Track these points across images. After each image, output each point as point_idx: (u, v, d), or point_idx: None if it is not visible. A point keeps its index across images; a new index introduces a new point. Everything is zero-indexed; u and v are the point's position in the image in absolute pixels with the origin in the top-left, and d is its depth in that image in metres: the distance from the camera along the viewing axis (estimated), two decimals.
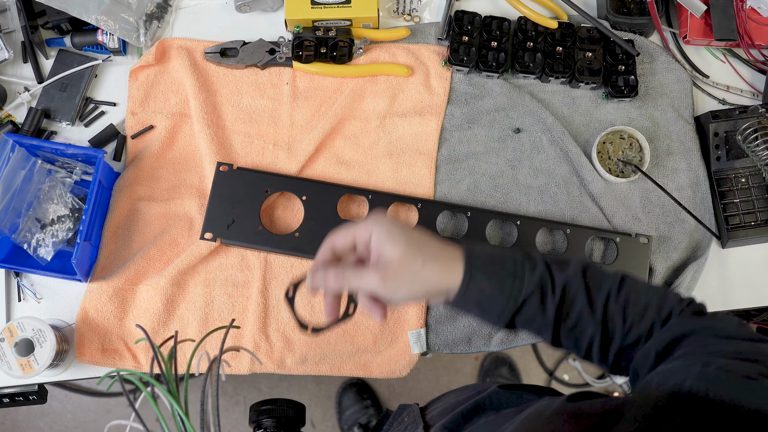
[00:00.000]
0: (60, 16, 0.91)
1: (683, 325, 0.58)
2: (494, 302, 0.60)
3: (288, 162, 0.92)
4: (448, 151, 0.93)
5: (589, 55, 0.94)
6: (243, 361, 0.86)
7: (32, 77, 0.94)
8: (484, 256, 0.61)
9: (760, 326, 1.59)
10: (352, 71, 0.94)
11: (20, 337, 0.80)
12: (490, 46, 0.94)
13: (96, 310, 0.85)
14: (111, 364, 0.85)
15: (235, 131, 0.93)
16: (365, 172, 0.93)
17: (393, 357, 0.87)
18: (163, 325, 0.86)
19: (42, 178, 0.88)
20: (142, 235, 0.90)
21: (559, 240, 0.90)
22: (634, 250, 0.87)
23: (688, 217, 0.91)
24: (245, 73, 0.95)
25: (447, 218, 0.91)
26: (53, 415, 1.76)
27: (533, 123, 0.94)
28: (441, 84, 0.95)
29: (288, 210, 0.92)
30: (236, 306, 0.88)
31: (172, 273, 0.86)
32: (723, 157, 0.92)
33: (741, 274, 0.91)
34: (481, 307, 0.61)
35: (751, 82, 0.98)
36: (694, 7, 0.93)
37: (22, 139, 0.85)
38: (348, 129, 0.94)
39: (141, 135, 0.93)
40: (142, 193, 0.91)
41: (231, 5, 0.98)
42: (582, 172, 0.92)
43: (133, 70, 0.94)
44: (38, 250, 0.86)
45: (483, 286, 0.59)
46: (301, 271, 0.89)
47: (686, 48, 0.98)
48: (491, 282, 0.59)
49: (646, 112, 0.95)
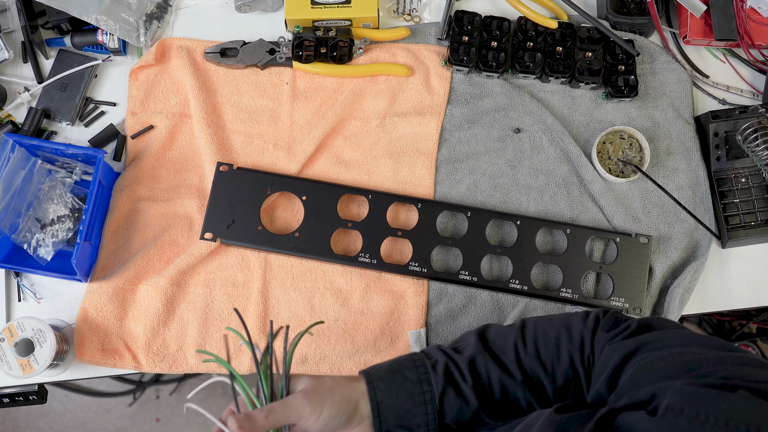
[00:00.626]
0: (60, 16, 0.91)
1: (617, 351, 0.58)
2: (413, 416, 0.60)
3: (288, 162, 0.92)
4: (448, 151, 0.93)
5: (589, 55, 0.94)
6: (243, 361, 0.86)
7: (32, 77, 0.94)
8: (384, 374, 0.61)
9: (761, 326, 1.59)
10: (352, 71, 0.94)
11: (20, 337, 0.80)
12: (490, 46, 0.94)
13: (96, 310, 0.85)
14: (111, 364, 0.85)
15: (235, 131, 0.93)
16: (365, 172, 0.93)
17: (393, 357, 0.87)
18: (163, 325, 0.86)
19: (42, 178, 0.88)
20: (142, 235, 0.90)
21: (559, 240, 0.90)
22: (634, 250, 0.87)
23: (688, 217, 0.91)
24: (245, 73, 0.95)
25: (447, 218, 0.91)
26: (53, 415, 1.76)
27: (533, 123, 0.94)
28: (441, 84, 0.95)
29: (288, 210, 0.92)
30: (236, 306, 0.88)
31: (172, 273, 0.86)
32: (723, 157, 0.92)
33: (741, 274, 0.91)
34: (404, 426, 0.60)
35: (751, 82, 0.98)
36: (694, 7, 0.93)
37: (22, 139, 0.85)
38: (348, 129, 0.94)
39: (141, 135, 0.93)
40: (142, 193, 0.91)
41: (231, 5, 0.98)
42: (582, 172, 0.92)
43: (133, 70, 0.94)
44: (38, 250, 0.86)
45: (394, 406, 0.60)
46: (300, 270, 0.89)
47: (686, 48, 0.98)
48: (399, 399, 0.60)
49: (646, 112, 0.95)
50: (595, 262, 0.88)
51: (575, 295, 0.87)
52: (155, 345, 0.86)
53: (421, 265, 0.87)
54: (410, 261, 0.87)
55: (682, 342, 0.55)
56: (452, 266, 0.89)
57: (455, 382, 0.61)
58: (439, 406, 0.61)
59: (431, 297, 0.88)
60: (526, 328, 0.65)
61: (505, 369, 0.62)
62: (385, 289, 0.89)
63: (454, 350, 0.64)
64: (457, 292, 0.88)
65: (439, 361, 0.62)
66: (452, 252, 0.89)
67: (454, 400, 0.61)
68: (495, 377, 0.62)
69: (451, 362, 0.62)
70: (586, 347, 0.61)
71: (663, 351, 0.54)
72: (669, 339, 0.56)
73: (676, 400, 0.45)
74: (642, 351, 0.56)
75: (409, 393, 0.60)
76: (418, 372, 0.61)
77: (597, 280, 0.89)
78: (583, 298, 0.87)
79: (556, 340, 0.62)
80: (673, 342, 0.55)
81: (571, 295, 0.87)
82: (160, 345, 0.86)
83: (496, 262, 0.89)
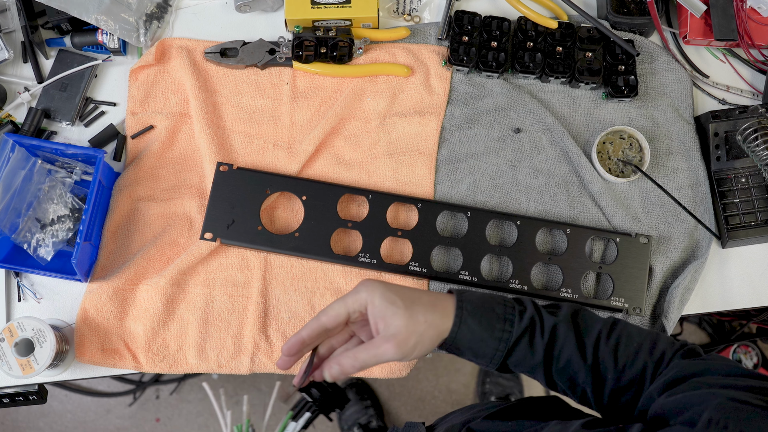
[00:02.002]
0: (60, 16, 0.91)
1: (683, 367, 0.58)
2: (485, 345, 0.62)
3: (288, 162, 0.92)
4: (448, 151, 0.93)
5: (589, 55, 0.94)
6: (243, 361, 0.86)
7: (32, 77, 0.94)
8: (475, 300, 0.63)
9: (761, 326, 1.59)
10: (352, 71, 0.94)
11: (20, 337, 0.80)
12: (490, 46, 0.94)
13: (96, 310, 0.85)
14: (111, 364, 0.85)
15: (235, 131, 0.93)
16: (365, 172, 0.93)
17: None
18: (163, 325, 0.86)
19: (42, 178, 0.88)
20: (142, 235, 0.90)
21: (559, 240, 0.90)
22: (634, 250, 0.87)
23: (688, 217, 0.91)
24: (245, 73, 0.95)
25: (447, 218, 0.91)
26: (53, 415, 1.76)
27: (533, 123, 0.94)
28: (441, 84, 0.95)
29: (288, 210, 0.92)
30: (236, 306, 0.88)
31: (172, 273, 0.86)
32: (723, 157, 0.92)
33: (741, 274, 0.91)
34: (473, 350, 0.62)
35: (751, 82, 0.98)
36: (694, 7, 0.93)
37: (22, 139, 0.85)
38: (348, 129, 0.94)
39: (141, 135, 0.93)
40: (142, 193, 0.91)
41: (231, 5, 0.98)
42: (582, 172, 0.92)
43: (133, 70, 0.94)
44: (38, 250, 0.86)
45: (474, 330, 0.61)
46: (300, 270, 0.89)
47: (686, 48, 0.98)
48: (481, 325, 0.62)
49: (646, 112, 0.95)
50: (595, 262, 0.88)
51: (575, 295, 0.87)
52: (155, 345, 0.86)
53: (421, 265, 0.87)
54: (410, 261, 0.87)
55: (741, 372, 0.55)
56: (452, 266, 0.89)
57: (533, 333, 0.63)
58: (510, 348, 0.63)
59: None
60: (616, 325, 0.66)
61: (581, 347, 0.63)
62: None
63: (546, 309, 0.66)
64: None
65: (527, 311, 0.64)
66: (452, 252, 0.89)
67: (525, 348, 0.63)
68: (568, 349, 0.63)
69: (537, 316, 0.64)
70: (663, 364, 0.62)
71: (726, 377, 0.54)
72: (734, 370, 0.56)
73: (720, 416, 0.45)
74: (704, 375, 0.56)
75: (490, 324, 0.62)
76: (506, 310, 0.63)
77: (597, 280, 0.89)
78: (583, 298, 0.87)
79: (638, 345, 0.64)
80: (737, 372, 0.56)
81: (571, 295, 0.87)
82: (160, 345, 0.86)
83: (496, 262, 0.89)
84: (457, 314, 0.61)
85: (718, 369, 0.56)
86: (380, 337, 0.59)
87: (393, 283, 0.63)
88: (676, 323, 0.87)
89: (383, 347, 0.58)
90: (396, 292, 0.60)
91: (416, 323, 0.59)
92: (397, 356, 0.58)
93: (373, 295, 0.59)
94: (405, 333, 0.58)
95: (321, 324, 0.61)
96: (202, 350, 0.86)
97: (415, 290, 0.63)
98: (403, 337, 0.58)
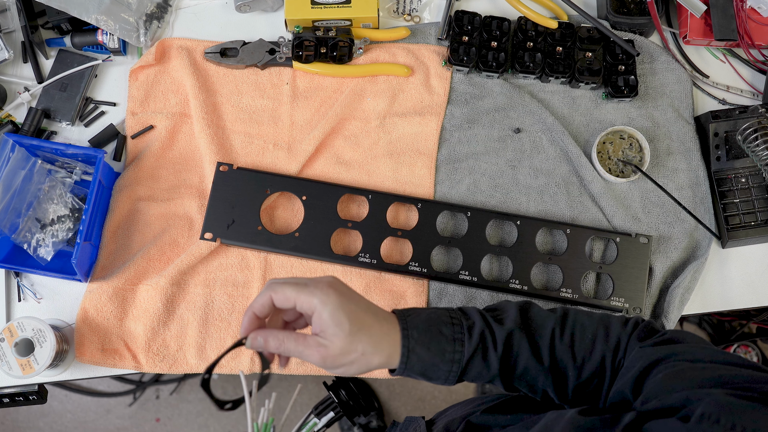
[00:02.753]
0: (60, 16, 0.91)
1: (647, 355, 0.58)
2: (437, 369, 0.61)
3: (288, 162, 0.92)
4: (448, 151, 0.93)
5: (589, 55, 0.94)
6: (243, 361, 0.86)
7: (32, 77, 0.94)
8: (421, 325, 0.62)
9: (761, 326, 1.59)
10: (352, 71, 0.94)
11: (20, 337, 0.80)
12: (490, 46, 0.94)
13: (96, 310, 0.85)
14: (111, 364, 0.85)
15: (235, 131, 0.93)
16: (365, 172, 0.93)
17: None
18: (163, 325, 0.86)
19: (42, 178, 0.88)
20: (142, 235, 0.90)
21: (559, 240, 0.90)
22: (634, 250, 0.87)
23: (688, 217, 0.91)
24: (245, 73, 0.95)
25: (447, 218, 0.91)
26: (53, 415, 1.76)
27: (533, 123, 0.94)
28: (441, 84, 0.95)
29: (288, 210, 0.92)
30: (236, 306, 0.88)
31: (172, 273, 0.86)
32: (723, 157, 0.92)
33: (741, 274, 0.91)
34: (425, 375, 0.62)
35: (751, 82, 0.98)
36: (694, 7, 0.93)
37: (22, 139, 0.85)
38: (348, 129, 0.94)
39: (141, 135, 0.93)
40: (142, 193, 0.91)
41: (231, 5, 0.98)
42: (582, 172, 0.92)
43: (133, 70, 0.94)
44: (38, 250, 0.86)
45: (423, 358, 0.61)
46: (300, 271, 0.89)
47: (686, 48, 0.98)
48: (430, 351, 0.61)
49: (646, 112, 0.95)
50: (595, 262, 0.88)
51: (575, 295, 0.87)
52: (155, 345, 0.86)
53: (421, 265, 0.87)
54: (410, 261, 0.87)
55: (714, 358, 0.55)
56: (452, 266, 0.89)
57: (486, 348, 0.62)
58: (464, 367, 0.62)
59: (431, 297, 0.88)
60: (566, 318, 0.65)
61: (536, 351, 0.63)
62: (385, 289, 0.89)
63: (494, 318, 0.65)
64: (457, 292, 0.88)
65: (476, 325, 0.63)
66: (452, 252, 0.89)
67: (479, 364, 0.62)
68: (523, 357, 0.62)
69: (488, 330, 0.63)
70: (620, 350, 0.62)
71: (695, 363, 0.54)
72: (701, 353, 0.56)
73: (713, 410, 0.45)
74: (673, 358, 0.56)
75: (440, 348, 0.61)
76: (453, 330, 0.62)
77: (597, 280, 0.89)
78: (583, 298, 0.87)
79: (592, 336, 0.63)
80: (704, 356, 0.55)
81: (571, 295, 0.87)
82: (160, 345, 0.86)
83: (496, 262, 0.89)
84: (404, 344, 0.60)
85: (684, 355, 0.56)
86: (313, 341, 0.58)
87: (350, 296, 0.60)
88: (676, 323, 0.87)
89: (310, 351, 0.58)
90: (347, 314, 0.58)
91: (351, 351, 0.58)
92: (320, 365, 0.58)
93: (323, 308, 0.57)
94: (337, 353, 0.58)
95: (269, 303, 0.60)
96: (202, 350, 0.86)
97: (368, 313, 0.60)
98: (332, 355, 0.58)
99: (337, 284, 0.60)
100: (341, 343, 0.57)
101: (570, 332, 0.64)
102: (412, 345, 0.60)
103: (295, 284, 0.59)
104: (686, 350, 0.57)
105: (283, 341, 0.58)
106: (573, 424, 0.50)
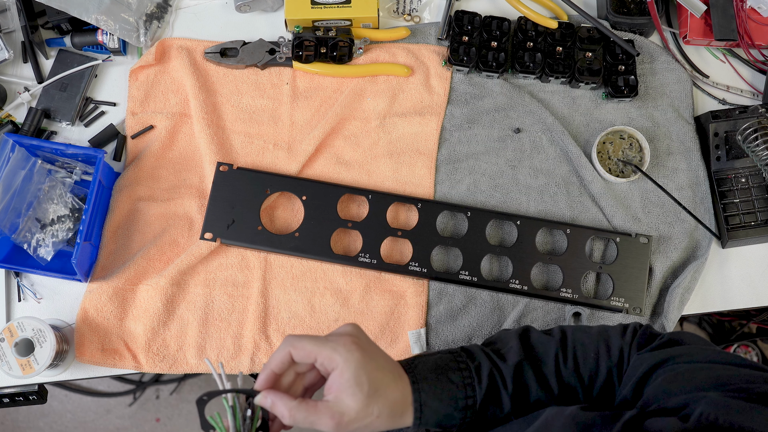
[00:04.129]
0: (60, 16, 0.91)
1: (646, 361, 0.58)
2: (452, 418, 0.60)
3: (288, 162, 0.92)
4: (448, 151, 0.93)
5: (589, 55, 0.94)
6: (243, 361, 0.86)
7: (32, 77, 0.94)
8: (430, 377, 0.60)
9: (761, 326, 1.59)
10: (352, 71, 0.94)
11: (20, 337, 0.80)
12: (490, 46, 0.94)
13: (96, 310, 0.85)
14: (111, 364, 0.85)
15: (235, 131, 0.93)
16: (365, 172, 0.93)
17: (393, 357, 0.87)
18: (163, 325, 0.86)
19: (42, 178, 0.88)
20: (142, 235, 0.90)
21: (559, 240, 0.90)
22: (634, 250, 0.87)
23: (688, 217, 0.91)
24: (245, 73, 0.95)
25: (447, 218, 0.91)
26: (53, 415, 1.76)
27: (533, 123, 0.94)
28: (441, 84, 0.95)
29: (288, 210, 0.92)
30: (236, 306, 0.88)
31: (172, 273, 0.86)
32: (723, 157, 0.92)
33: (741, 274, 0.91)
34: (440, 425, 0.60)
35: (751, 82, 0.98)
36: (694, 7, 0.93)
37: (22, 139, 0.85)
38: (348, 129, 0.94)
39: (141, 135, 0.93)
40: (142, 193, 0.91)
41: (231, 5, 0.98)
42: (582, 172, 0.92)
43: (133, 70, 0.94)
44: (38, 250, 0.86)
45: (437, 411, 0.59)
46: (300, 270, 0.89)
47: (686, 48, 0.98)
48: (443, 403, 0.60)
49: (646, 112, 0.95)
50: (595, 262, 0.88)
51: (575, 295, 0.87)
52: (155, 345, 0.86)
53: (421, 265, 0.87)
54: (410, 261, 0.87)
55: (712, 358, 0.55)
56: (452, 266, 0.89)
57: (497, 389, 0.61)
58: (478, 411, 0.61)
59: (431, 297, 0.88)
60: (566, 340, 0.65)
61: (544, 381, 0.62)
62: (385, 289, 0.89)
63: (497, 354, 0.64)
64: (457, 292, 0.88)
65: (483, 366, 0.62)
66: (452, 252, 0.89)
67: (492, 406, 0.61)
68: (534, 389, 0.62)
69: (495, 369, 0.62)
70: (624, 361, 0.62)
71: (693, 364, 0.54)
72: (698, 354, 0.56)
73: (711, 410, 0.45)
74: (671, 362, 0.56)
75: (452, 397, 0.60)
76: (462, 375, 0.61)
77: (597, 280, 0.89)
78: (583, 298, 0.87)
79: (595, 354, 0.63)
80: (702, 357, 0.55)
81: (571, 295, 0.87)
82: (160, 345, 0.86)
83: (496, 262, 0.89)
84: (415, 398, 0.59)
85: (684, 357, 0.56)
86: (325, 407, 0.56)
87: (371, 352, 0.58)
88: (676, 323, 0.87)
89: (323, 419, 0.56)
90: (368, 374, 0.56)
91: (368, 414, 0.56)
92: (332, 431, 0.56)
93: (346, 366, 0.56)
94: (352, 417, 0.56)
95: (288, 359, 0.58)
96: (202, 350, 0.86)
97: (385, 371, 0.59)
98: (347, 420, 0.56)
99: (360, 338, 0.59)
100: (358, 406, 0.56)
101: (572, 355, 0.63)
102: (424, 399, 0.59)
103: (315, 339, 0.58)
104: (684, 352, 0.57)
105: (291, 410, 0.56)
106: (574, 420, 0.50)
